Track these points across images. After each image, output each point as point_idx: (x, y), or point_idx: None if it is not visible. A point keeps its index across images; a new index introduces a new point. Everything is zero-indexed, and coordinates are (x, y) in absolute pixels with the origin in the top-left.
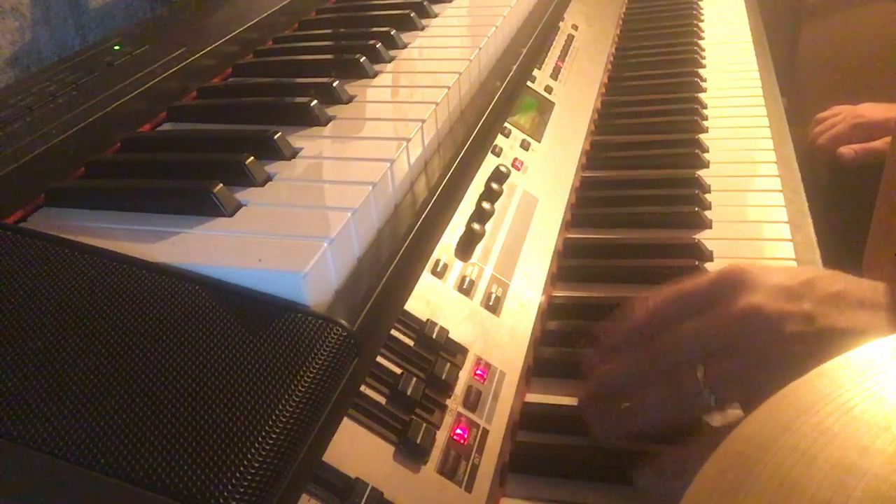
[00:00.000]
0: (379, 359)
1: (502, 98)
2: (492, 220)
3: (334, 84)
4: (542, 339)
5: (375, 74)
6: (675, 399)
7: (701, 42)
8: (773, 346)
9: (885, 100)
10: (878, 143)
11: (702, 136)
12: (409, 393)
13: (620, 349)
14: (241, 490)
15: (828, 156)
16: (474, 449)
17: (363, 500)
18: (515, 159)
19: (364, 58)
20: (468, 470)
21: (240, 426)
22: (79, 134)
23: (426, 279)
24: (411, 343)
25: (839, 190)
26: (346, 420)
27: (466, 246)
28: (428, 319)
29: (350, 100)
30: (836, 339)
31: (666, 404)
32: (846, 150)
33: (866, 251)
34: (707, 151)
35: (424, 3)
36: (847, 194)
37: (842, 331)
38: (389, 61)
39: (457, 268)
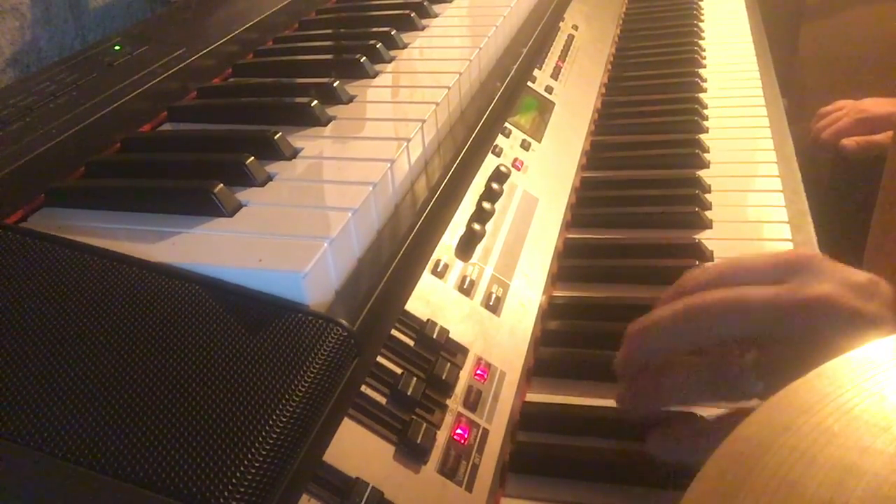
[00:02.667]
0: (379, 359)
1: (502, 98)
2: (492, 220)
3: (334, 84)
4: (543, 339)
5: (376, 74)
6: (717, 376)
7: (701, 42)
8: (840, 341)
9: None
10: (881, 137)
11: (702, 136)
12: (409, 393)
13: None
14: (242, 490)
15: (830, 151)
16: (474, 449)
17: (363, 500)
18: (516, 159)
19: (364, 58)
20: (468, 470)
21: (240, 426)
22: (79, 134)
23: (426, 279)
24: (411, 343)
25: (841, 186)
26: (346, 420)
27: (467, 246)
28: (428, 319)
29: (350, 100)
30: None
31: (705, 380)
32: (848, 141)
33: (867, 250)
34: (707, 151)
35: (424, 3)
36: (849, 190)
37: None
38: (390, 61)
39: (457, 268)
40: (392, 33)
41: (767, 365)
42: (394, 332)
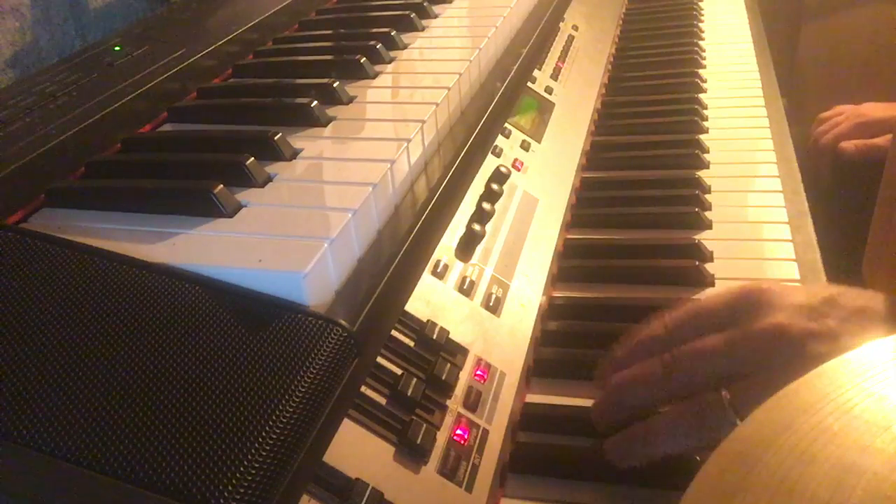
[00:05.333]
0: (379, 359)
1: (502, 99)
2: (492, 220)
3: (334, 84)
4: (543, 340)
5: (376, 75)
6: (700, 421)
7: (701, 42)
8: (799, 366)
9: (884, 100)
10: (880, 140)
11: (702, 137)
12: (409, 393)
13: (634, 360)
14: (242, 490)
15: (830, 155)
16: (474, 449)
17: (363, 501)
18: (516, 160)
19: (364, 58)
20: (468, 470)
21: (240, 426)
22: (79, 134)
23: (426, 280)
24: (411, 343)
25: (840, 189)
26: (346, 420)
27: (467, 246)
28: (428, 320)
29: (350, 100)
30: None
31: (691, 426)
32: (847, 144)
33: (866, 251)
34: (707, 152)
35: (424, 4)
36: (848, 194)
37: None
38: (390, 62)
39: (457, 268)
40: (392, 34)
41: (742, 400)
42: (394, 333)
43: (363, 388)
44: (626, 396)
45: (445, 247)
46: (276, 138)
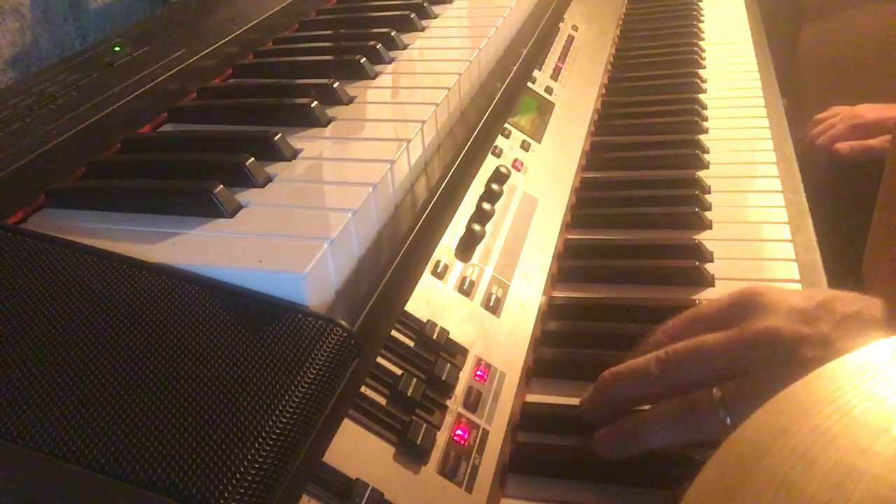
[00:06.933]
0: (379, 359)
1: (502, 99)
2: (492, 220)
3: (334, 85)
4: (543, 340)
5: (376, 75)
6: (690, 417)
7: (701, 42)
8: (791, 369)
9: (884, 100)
10: (875, 141)
11: (702, 137)
12: (409, 393)
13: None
14: (242, 490)
15: (826, 156)
16: (474, 449)
17: (363, 501)
18: (515, 160)
19: (364, 59)
20: (468, 470)
21: (240, 426)
22: (79, 134)
23: (426, 280)
24: (411, 343)
25: (838, 190)
26: (346, 420)
27: (467, 247)
28: (428, 320)
29: (350, 101)
30: None
31: (680, 423)
32: (842, 146)
33: (866, 251)
34: (707, 152)
35: (424, 4)
36: (846, 195)
37: None
38: (389, 62)
39: (457, 268)
40: (392, 34)
41: (732, 399)
42: (394, 333)
43: (363, 388)
44: (616, 390)
45: (445, 247)
46: (276, 138)
